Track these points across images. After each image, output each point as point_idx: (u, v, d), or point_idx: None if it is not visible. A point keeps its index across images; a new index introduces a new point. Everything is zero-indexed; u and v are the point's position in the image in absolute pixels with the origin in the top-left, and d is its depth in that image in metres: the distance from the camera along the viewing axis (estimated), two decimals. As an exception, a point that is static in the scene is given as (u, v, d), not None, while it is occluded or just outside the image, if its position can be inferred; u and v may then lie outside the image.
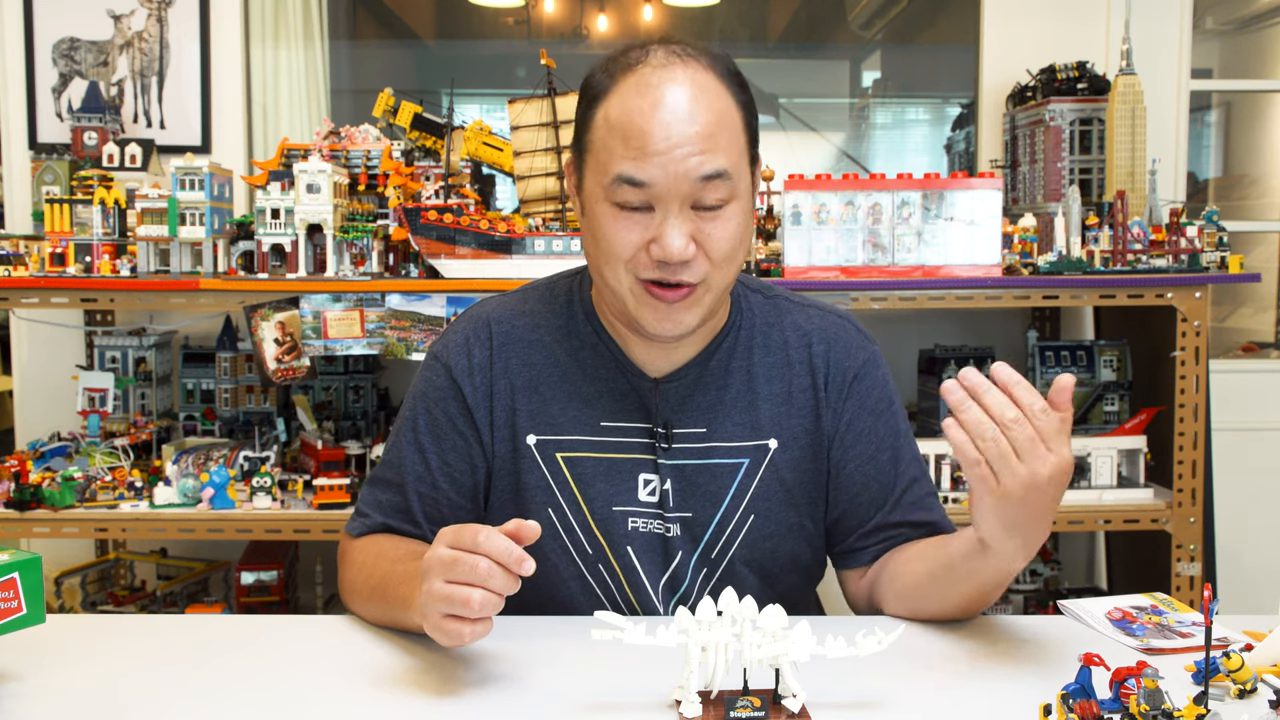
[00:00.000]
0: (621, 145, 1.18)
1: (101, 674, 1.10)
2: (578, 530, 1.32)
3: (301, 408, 2.60)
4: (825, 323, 1.38)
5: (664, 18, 3.76)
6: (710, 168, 1.17)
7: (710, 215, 1.19)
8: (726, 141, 1.19)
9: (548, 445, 1.32)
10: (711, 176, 1.17)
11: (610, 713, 1.00)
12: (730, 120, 1.21)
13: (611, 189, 1.19)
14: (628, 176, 1.17)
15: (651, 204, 1.18)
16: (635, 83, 1.19)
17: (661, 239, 1.17)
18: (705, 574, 1.33)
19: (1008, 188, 2.95)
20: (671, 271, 1.19)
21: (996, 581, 1.18)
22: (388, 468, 1.37)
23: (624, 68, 1.21)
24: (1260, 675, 0.99)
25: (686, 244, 1.17)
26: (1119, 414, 2.66)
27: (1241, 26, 3.99)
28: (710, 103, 1.19)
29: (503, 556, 1.00)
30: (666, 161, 1.16)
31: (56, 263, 2.41)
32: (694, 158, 1.16)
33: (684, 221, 1.18)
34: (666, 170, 1.16)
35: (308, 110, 3.09)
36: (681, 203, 1.18)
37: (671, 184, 1.16)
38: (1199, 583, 2.41)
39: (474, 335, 1.36)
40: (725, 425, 1.32)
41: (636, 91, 1.18)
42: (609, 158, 1.19)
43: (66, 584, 2.69)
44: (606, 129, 1.20)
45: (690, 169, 1.16)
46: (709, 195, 1.18)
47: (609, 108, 1.20)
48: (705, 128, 1.17)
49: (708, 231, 1.19)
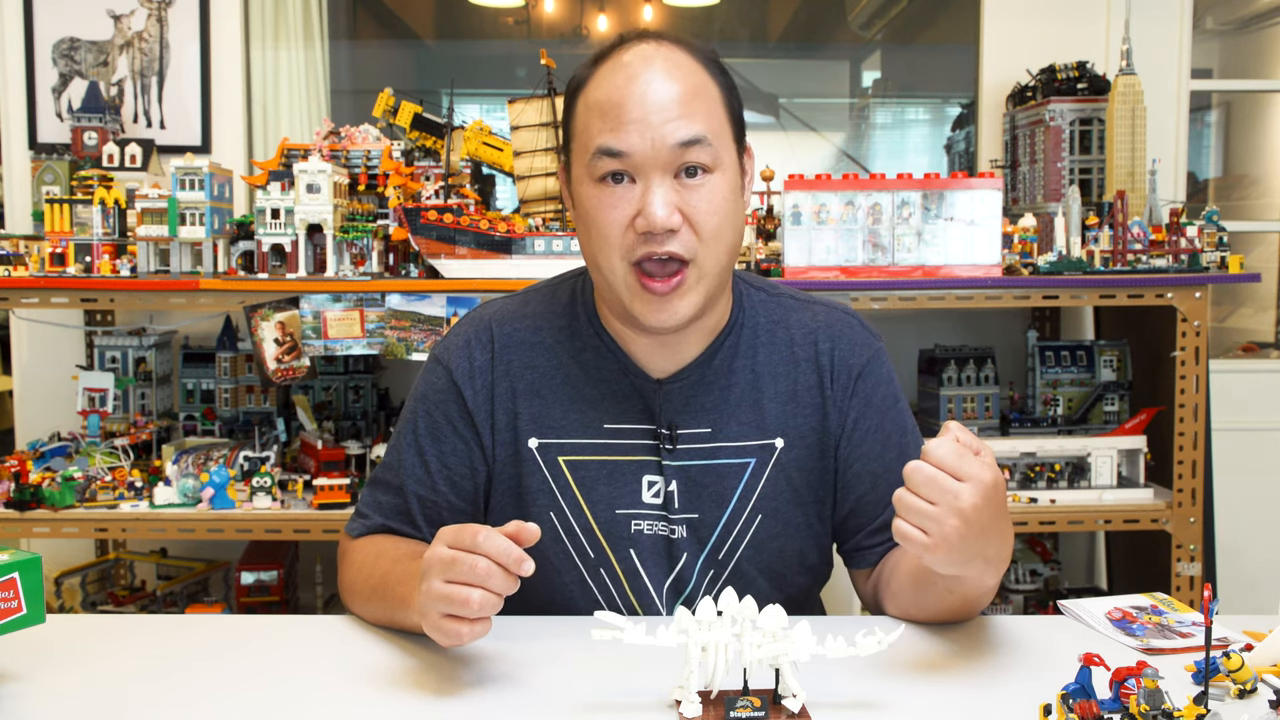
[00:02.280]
0: (599, 121, 1.20)
1: (101, 674, 1.10)
2: (580, 534, 1.31)
3: (301, 408, 2.60)
4: (830, 319, 1.38)
5: (664, 18, 3.76)
6: (687, 132, 1.18)
7: (694, 185, 1.20)
8: (704, 111, 1.21)
9: (549, 448, 1.32)
10: (690, 142, 1.18)
11: (610, 713, 1.00)
12: (707, 93, 1.22)
13: (593, 164, 1.20)
14: (606, 147, 1.19)
15: (634, 176, 1.19)
16: (611, 65, 1.22)
17: (645, 208, 1.18)
18: (712, 576, 1.32)
19: (1008, 188, 2.95)
20: (659, 242, 1.18)
21: (978, 594, 1.18)
22: (388, 469, 1.37)
23: (601, 58, 1.24)
24: (1260, 675, 0.99)
25: (670, 212, 1.18)
26: (1119, 414, 2.66)
27: (1241, 26, 3.99)
28: (685, 76, 1.21)
29: (502, 557, 1.00)
30: (643, 128, 1.17)
31: (56, 263, 2.41)
32: (670, 123, 1.18)
33: (667, 190, 1.19)
34: (644, 137, 1.17)
35: (308, 110, 3.09)
36: (662, 170, 1.19)
37: (650, 151, 1.18)
38: (1199, 583, 2.41)
39: (475, 338, 1.36)
40: (730, 425, 1.32)
41: (612, 71, 1.21)
42: (589, 137, 1.21)
43: (66, 584, 2.69)
44: (586, 112, 1.22)
45: (667, 134, 1.17)
46: (689, 159, 1.19)
47: (588, 93, 1.23)
48: (680, 95, 1.19)
49: (693, 203, 1.20)
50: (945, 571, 1.08)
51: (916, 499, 1.03)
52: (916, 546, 1.04)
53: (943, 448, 1.03)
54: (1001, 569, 1.12)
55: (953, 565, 1.06)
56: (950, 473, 1.02)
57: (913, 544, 1.04)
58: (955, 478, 1.02)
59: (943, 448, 1.03)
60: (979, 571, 1.10)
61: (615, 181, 1.20)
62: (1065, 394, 2.72)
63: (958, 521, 1.02)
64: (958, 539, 1.02)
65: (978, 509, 1.02)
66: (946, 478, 1.02)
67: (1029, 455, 2.50)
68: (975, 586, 1.15)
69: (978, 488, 1.02)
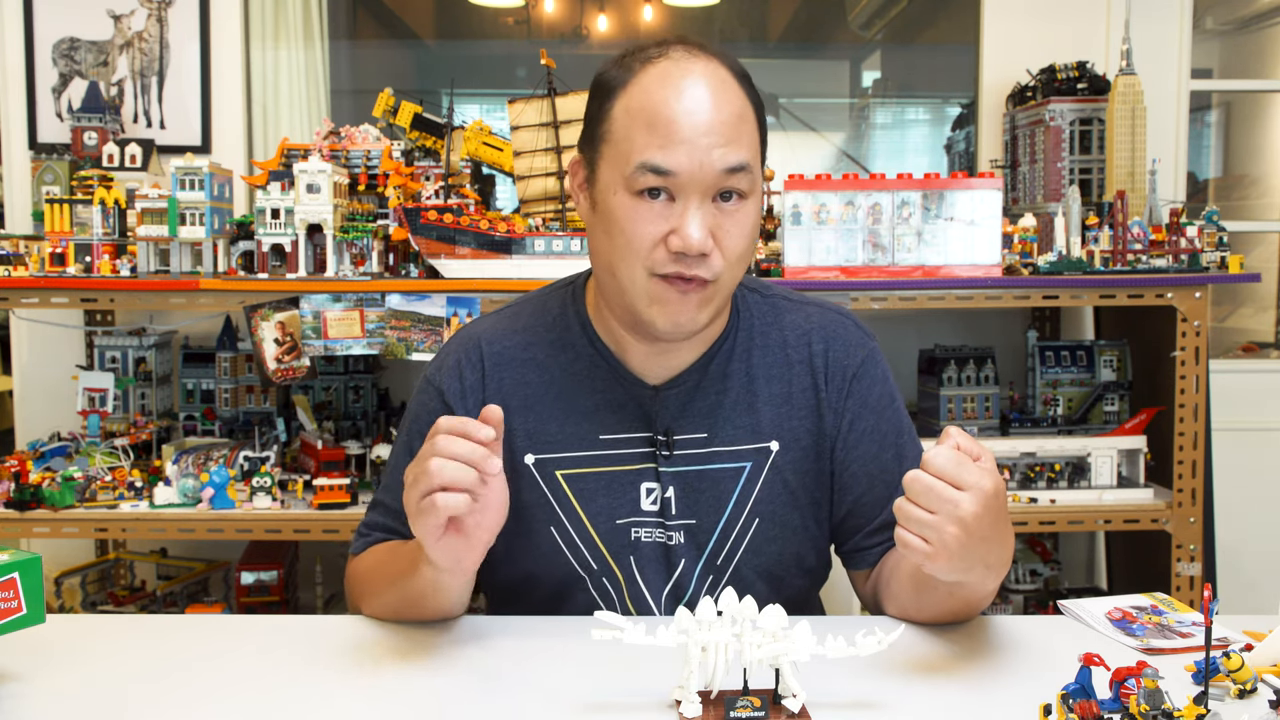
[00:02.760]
0: (645, 133, 1.17)
1: (101, 674, 1.10)
2: (581, 546, 1.31)
3: (301, 408, 2.60)
4: (824, 320, 1.38)
5: (664, 18, 3.76)
6: (734, 159, 1.18)
7: (730, 210, 1.20)
8: (748, 136, 1.21)
9: (546, 464, 1.31)
10: (735, 169, 1.18)
11: (610, 713, 1.00)
12: (748, 117, 1.22)
13: (634, 177, 1.18)
14: (653, 164, 1.17)
15: (674, 194, 1.18)
16: (657, 74, 1.20)
17: (682, 229, 1.17)
18: (711, 581, 1.32)
19: (1008, 188, 2.95)
20: (688, 265, 1.18)
21: (979, 598, 1.18)
22: (385, 491, 1.37)
23: (642, 61, 1.21)
24: (1260, 675, 0.99)
25: (705, 236, 1.17)
26: (1119, 414, 2.66)
27: (1241, 26, 3.99)
28: (731, 97, 1.20)
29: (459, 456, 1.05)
30: (693, 150, 1.16)
31: (56, 263, 2.41)
32: (718, 149, 1.17)
33: (704, 214, 1.18)
34: (692, 159, 1.16)
35: (308, 110, 3.09)
36: (703, 194, 1.18)
37: (696, 173, 1.17)
38: (1199, 583, 2.41)
39: (465, 358, 1.35)
40: (726, 429, 1.32)
41: (660, 82, 1.19)
42: (630, 147, 1.18)
43: (66, 584, 2.69)
44: (628, 118, 1.20)
45: (715, 159, 1.17)
46: (730, 185, 1.19)
47: (629, 98, 1.20)
48: (729, 120, 1.18)
49: (725, 227, 1.19)
50: (946, 579, 1.08)
51: (916, 508, 1.03)
52: (918, 555, 1.04)
53: (941, 456, 1.03)
54: (1002, 573, 1.13)
55: (954, 573, 1.06)
56: (950, 481, 1.02)
57: (914, 552, 1.04)
58: (955, 486, 1.02)
59: (941, 456, 1.03)
60: (980, 577, 1.10)
61: (653, 196, 1.18)
62: (1065, 394, 2.72)
63: (957, 530, 1.02)
64: (958, 547, 1.02)
65: (978, 517, 1.02)
66: (946, 487, 1.02)
67: (1029, 455, 2.50)
68: (976, 591, 1.15)
69: (977, 496, 1.02)
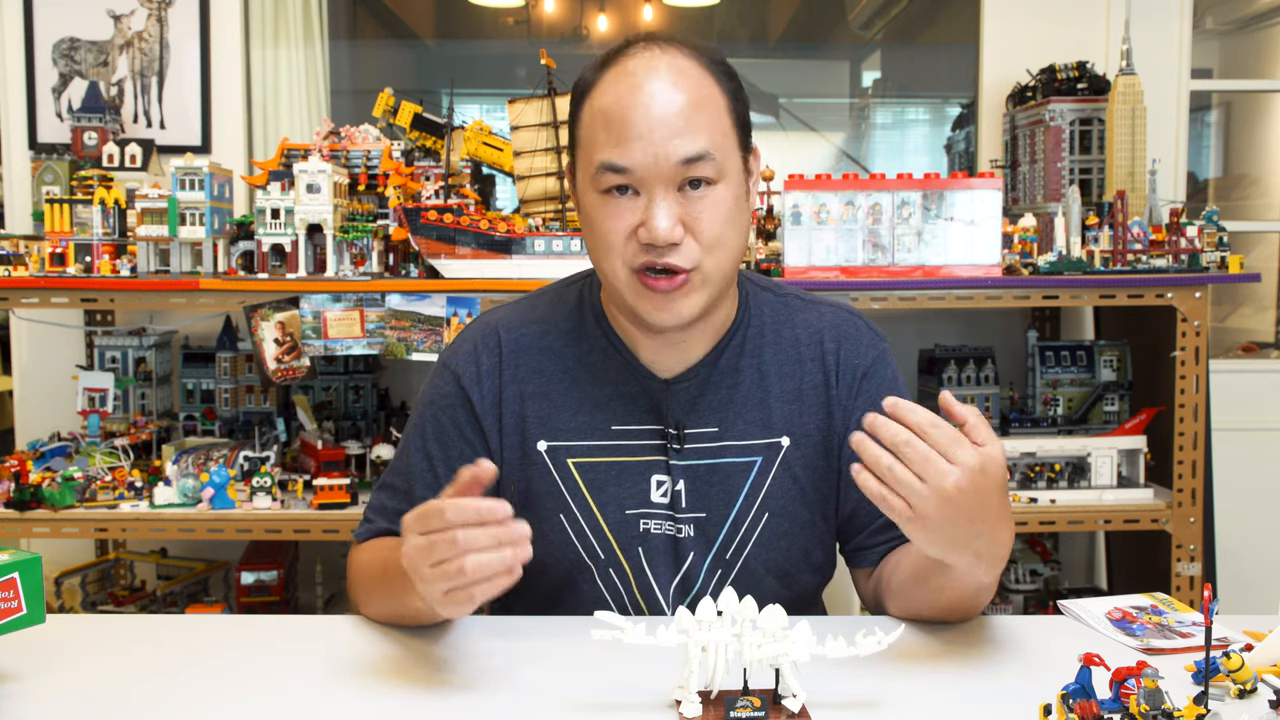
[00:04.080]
0: (603, 133, 1.20)
1: (101, 674, 1.10)
2: (590, 535, 1.32)
3: (301, 408, 2.60)
4: (836, 320, 1.39)
5: (664, 18, 3.76)
6: (690, 149, 1.18)
7: (697, 197, 1.20)
8: (708, 123, 1.21)
9: (558, 451, 1.32)
10: (693, 159, 1.19)
11: (610, 713, 1.00)
12: (712, 102, 1.22)
13: (597, 177, 1.21)
14: (610, 163, 1.19)
15: (637, 189, 1.20)
16: (615, 73, 1.22)
17: (648, 221, 1.19)
18: (720, 575, 1.32)
19: (1008, 188, 2.95)
20: (660, 254, 1.19)
21: (972, 591, 1.17)
22: (395, 474, 1.38)
23: (608, 62, 1.24)
24: (1260, 675, 0.99)
25: (673, 226, 1.19)
26: (1119, 414, 2.66)
27: (1241, 26, 4.00)
28: (689, 85, 1.20)
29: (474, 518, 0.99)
30: (646, 145, 1.18)
31: (56, 263, 2.41)
32: (674, 140, 1.18)
33: (671, 204, 1.19)
34: (647, 153, 1.18)
35: (308, 110, 3.09)
36: (666, 185, 1.19)
37: (653, 166, 1.18)
38: (1199, 583, 2.41)
39: (482, 343, 1.36)
40: (737, 424, 1.32)
41: (615, 81, 1.21)
42: (593, 148, 1.22)
43: (66, 584, 2.69)
44: (591, 120, 1.23)
45: (670, 151, 1.18)
46: (692, 174, 1.19)
47: (593, 100, 1.23)
48: (684, 109, 1.19)
49: (695, 214, 1.20)
50: (929, 552, 1.08)
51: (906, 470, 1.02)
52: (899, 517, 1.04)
53: (944, 429, 1.02)
54: (995, 567, 1.12)
55: (936, 546, 1.06)
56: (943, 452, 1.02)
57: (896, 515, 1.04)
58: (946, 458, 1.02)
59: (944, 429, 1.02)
60: (968, 564, 1.09)
61: (619, 193, 1.21)
62: (1065, 394, 2.72)
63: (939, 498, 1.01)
64: (937, 515, 1.02)
65: (965, 493, 1.01)
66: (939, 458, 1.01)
67: (1029, 455, 2.50)
68: (966, 580, 1.14)
69: (966, 472, 1.01)
